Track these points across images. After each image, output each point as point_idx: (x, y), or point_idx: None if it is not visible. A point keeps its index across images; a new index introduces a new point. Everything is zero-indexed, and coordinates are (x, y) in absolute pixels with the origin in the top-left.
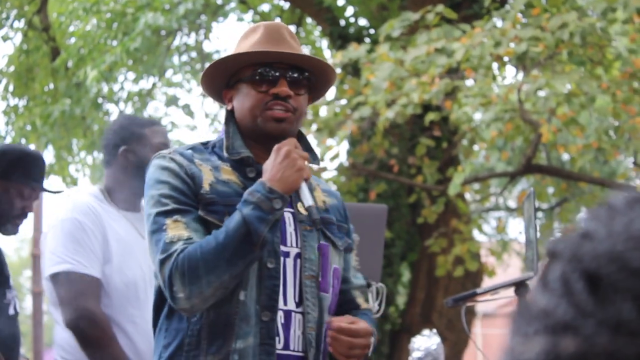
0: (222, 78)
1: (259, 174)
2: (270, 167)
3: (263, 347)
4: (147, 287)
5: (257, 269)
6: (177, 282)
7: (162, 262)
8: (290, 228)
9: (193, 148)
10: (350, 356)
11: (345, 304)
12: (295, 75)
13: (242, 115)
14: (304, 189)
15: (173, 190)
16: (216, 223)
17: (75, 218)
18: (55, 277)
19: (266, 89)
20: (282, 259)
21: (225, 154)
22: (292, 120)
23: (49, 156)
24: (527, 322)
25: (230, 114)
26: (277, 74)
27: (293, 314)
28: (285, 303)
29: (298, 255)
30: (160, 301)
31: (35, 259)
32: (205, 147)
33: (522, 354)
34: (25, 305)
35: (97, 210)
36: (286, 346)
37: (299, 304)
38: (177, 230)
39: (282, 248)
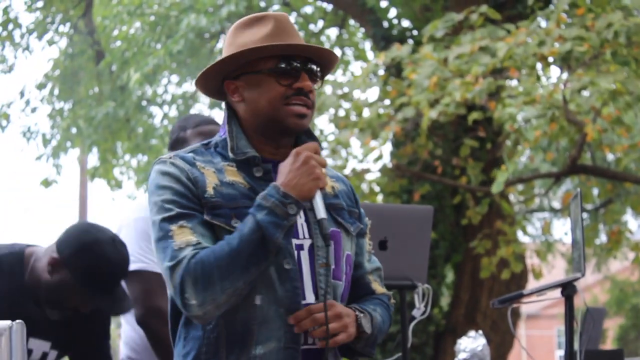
0: (225, 70)
1: (267, 173)
2: (287, 171)
3: (288, 351)
4: None
5: (275, 272)
6: (190, 289)
7: (172, 269)
8: (300, 220)
9: (194, 151)
10: (329, 334)
11: (360, 290)
12: (313, 68)
13: (257, 107)
14: (318, 199)
15: (176, 195)
16: (223, 227)
17: (144, 218)
18: (129, 276)
19: (289, 83)
20: (296, 253)
21: (230, 155)
22: (310, 116)
23: (93, 159)
24: None
25: (230, 111)
26: (299, 67)
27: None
28: (304, 298)
29: (312, 246)
30: (176, 308)
31: None
32: (207, 148)
33: None
34: None
35: None
36: (305, 341)
37: (316, 295)
38: (184, 236)
39: (295, 241)
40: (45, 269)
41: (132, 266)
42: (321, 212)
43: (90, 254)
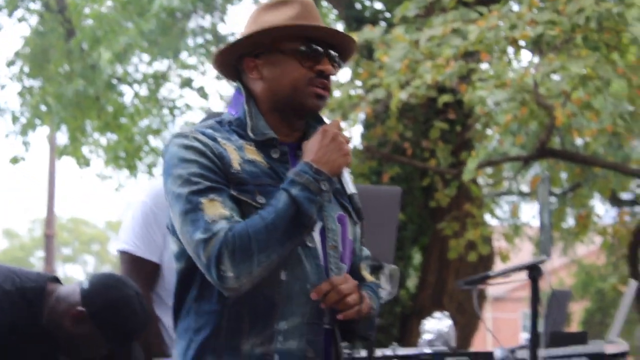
0: (247, 47)
1: (283, 155)
2: (317, 148)
3: (311, 326)
4: None
5: (300, 248)
6: (227, 261)
7: (207, 241)
8: None
9: (212, 127)
10: (349, 305)
11: (352, 277)
12: (334, 54)
13: (276, 87)
14: (346, 175)
15: (203, 169)
16: (250, 203)
17: (146, 202)
18: (119, 255)
19: (311, 65)
20: None
21: (250, 135)
22: (327, 100)
23: (62, 137)
24: None
25: (246, 88)
26: (322, 50)
27: None
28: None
29: (322, 228)
30: (185, 283)
31: (48, 239)
32: (222, 125)
33: None
34: None
35: None
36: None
37: (327, 275)
38: (216, 209)
39: None
40: (66, 316)
41: (119, 246)
42: (350, 187)
43: (119, 310)
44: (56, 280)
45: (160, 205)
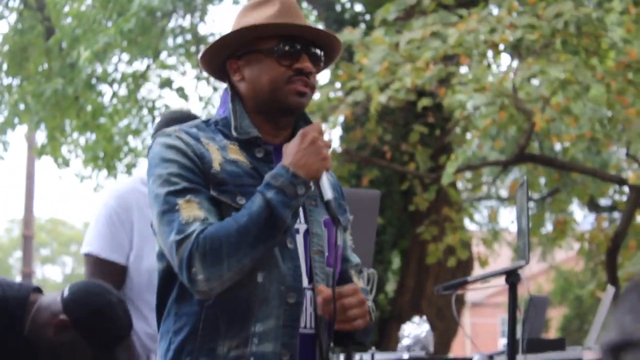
0: (229, 49)
1: (267, 154)
2: (294, 151)
3: (286, 329)
4: None
5: (278, 250)
6: (198, 264)
7: (179, 243)
8: None
9: (197, 126)
10: (349, 319)
11: (343, 283)
12: (315, 51)
13: (257, 87)
14: (324, 180)
15: (182, 169)
16: (229, 203)
17: (109, 204)
18: (85, 258)
19: (289, 63)
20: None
21: (233, 133)
22: (310, 97)
23: (41, 136)
24: None
25: (233, 90)
26: (300, 48)
27: (305, 290)
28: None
29: (307, 232)
30: (166, 284)
31: (26, 240)
32: (208, 125)
33: (635, 332)
34: None
35: (131, 198)
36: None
37: (310, 280)
38: (192, 210)
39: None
40: (48, 326)
41: (84, 249)
42: (328, 193)
43: (103, 317)
44: (38, 290)
45: (124, 206)
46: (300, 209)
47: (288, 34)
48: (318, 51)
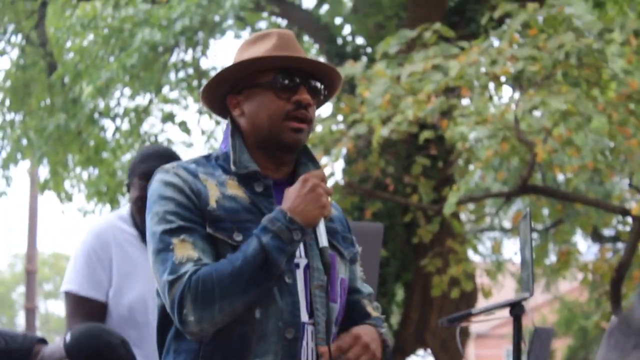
0: (228, 84)
1: (267, 189)
2: (294, 197)
3: None
4: (148, 310)
5: (275, 286)
6: (189, 305)
7: (172, 283)
8: None
9: (197, 162)
10: None
11: (356, 314)
12: (314, 84)
13: (256, 122)
14: (321, 227)
15: (178, 207)
16: (225, 240)
17: (87, 241)
18: (64, 296)
19: (288, 96)
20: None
21: (232, 168)
22: (307, 132)
23: (44, 171)
24: (625, 337)
25: (234, 125)
26: (299, 81)
27: (305, 325)
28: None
29: (307, 266)
30: (165, 321)
31: (29, 275)
32: (209, 160)
33: None
34: (18, 322)
35: (109, 234)
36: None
37: (310, 315)
38: (185, 250)
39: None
40: None
41: (64, 287)
42: (323, 241)
43: (103, 359)
44: (43, 342)
45: (101, 243)
46: (301, 244)
47: (286, 67)
48: (318, 84)
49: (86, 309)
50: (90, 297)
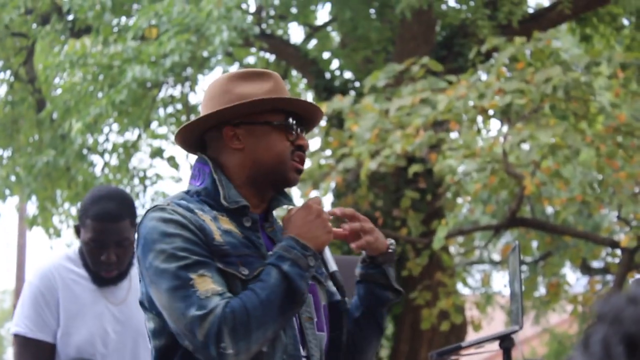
0: (224, 117)
1: (254, 223)
2: (301, 223)
3: None
4: (96, 350)
5: None
6: (227, 338)
7: (203, 318)
8: None
9: (184, 198)
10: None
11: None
12: (305, 127)
13: (258, 158)
14: (327, 252)
15: (187, 243)
16: (235, 275)
17: (34, 283)
18: (13, 338)
19: (293, 139)
20: None
21: (223, 203)
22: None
23: (32, 207)
24: None
25: (213, 160)
26: (300, 125)
27: (303, 359)
28: None
29: None
30: (164, 356)
31: None
32: (190, 196)
33: None
34: (7, 358)
35: (55, 275)
36: None
37: (303, 347)
38: (207, 284)
39: None
40: None
41: (13, 329)
42: (333, 265)
43: None
44: None
45: (48, 284)
46: None
47: (288, 110)
48: (306, 127)
49: (34, 350)
50: (38, 338)
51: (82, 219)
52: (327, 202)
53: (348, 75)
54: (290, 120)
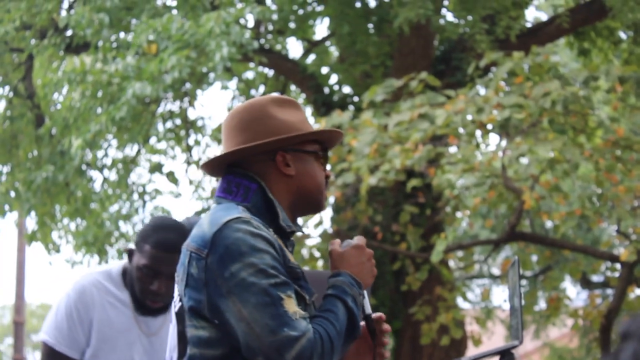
0: (279, 145)
1: (292, 246)
2: (355, 262)
3: None
4: None
5: None
6: None
7: (297, 340)
8: None
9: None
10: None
11: None
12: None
13: (305, 184)
14: (366, 295)
15: (274, 261)
16: (305, 297)
17: (71, 296)
18: (42, 345)
19: (323, 169)
20: None
21: (282, 225)
22: None
23: (31, 223)
24: None
25: (258, 183)
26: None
27: None
28: None
29: None
30: None
31: (17, 326)
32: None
33: None
34: None
35: (94, 293)
36: None
37: None
38: (293, 306)
39: None
40: None
41: (41, 336)
42: (368, 308)
43: None
44: None
45: (84, 302)
46: None
47: (323, 140)
48: None
49: None
50: (64, 353)
51: (139, 244)
52: (327, 216)
53: (346, 90)
54: (324, 152)
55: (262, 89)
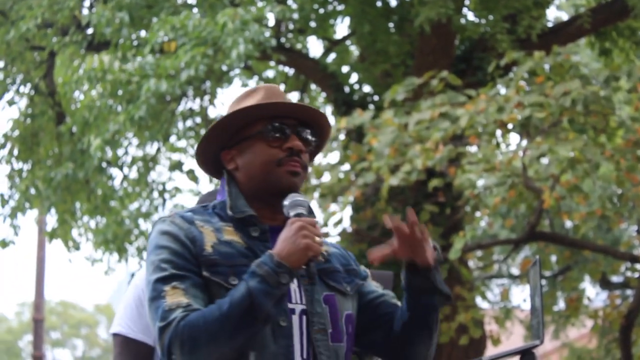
0: (219, 141)
1: (263, 233)
2: (281, 240)
3: None
4: None
5: (270, 329)
6: (177, 351)
7: (162, 330)
8: (293, 285)
9: (193, 211)
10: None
11: (388, 307)
12: (305, 131)
13: (251, 172)
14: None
15: (172, 255)
16: (222, 284)
17: (139, 287)
18: (113, 338)
19: (279, 144)
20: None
21: (229, 213)
22: (303, 177)
23: (51, 220)
24: None
25: (229, 175)
26: (289, 128)
27: None
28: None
29: (303, 312)
30: None
31: (37, 323)
32: (206, 209)
33: None
34: None
35: None
36: None
37: (314, 358)
38: (176, 297)
39: (288, 305)
40: None
41: (113, 328)
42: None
43: None
44: None
45: None
46: (297, 290)
47: (275, 115)
48: (308, 131)
49: (134, 351)
50: (138, 339)
51: None
52: (346, 215)
53: (367, 89)
54: (269, 127)
55: (282, 87)
